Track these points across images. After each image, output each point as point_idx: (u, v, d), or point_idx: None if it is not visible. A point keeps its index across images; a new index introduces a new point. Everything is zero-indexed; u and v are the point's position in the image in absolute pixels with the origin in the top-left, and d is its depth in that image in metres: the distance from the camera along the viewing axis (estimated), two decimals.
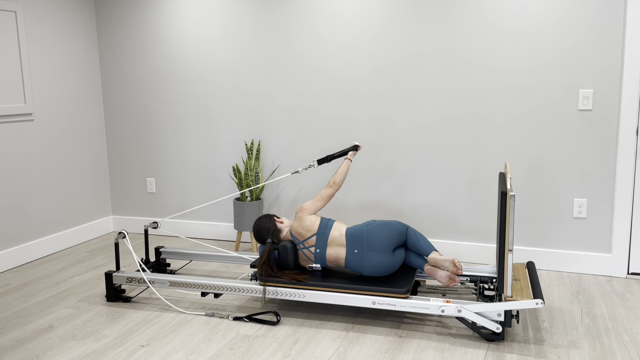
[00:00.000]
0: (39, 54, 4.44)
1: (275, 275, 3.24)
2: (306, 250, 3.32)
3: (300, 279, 3.19)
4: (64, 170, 4.72)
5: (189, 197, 4.96)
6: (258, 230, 3.43)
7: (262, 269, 3.25)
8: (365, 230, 3.22)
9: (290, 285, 3.20)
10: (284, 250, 3.32)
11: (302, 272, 3.30)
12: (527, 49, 3.87)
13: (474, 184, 4.13)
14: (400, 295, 3.02)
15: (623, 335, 3.01)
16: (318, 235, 3.29)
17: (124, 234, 3.53)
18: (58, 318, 3.32)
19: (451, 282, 3.12)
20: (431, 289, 3.39)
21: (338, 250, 3.26)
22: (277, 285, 3.22)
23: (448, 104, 4.10)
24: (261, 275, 3.25)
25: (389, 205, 4.36)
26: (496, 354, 2.82)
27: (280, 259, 3.34)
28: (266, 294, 3.22)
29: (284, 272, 3.28)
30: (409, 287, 3.06)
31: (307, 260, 3.35)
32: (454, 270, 3.12)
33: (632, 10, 3.60)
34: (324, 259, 3.30)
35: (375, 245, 3.17)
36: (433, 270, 3.19)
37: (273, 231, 3.40)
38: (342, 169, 3.46)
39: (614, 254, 3.86)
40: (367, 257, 3.18)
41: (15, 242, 4.30)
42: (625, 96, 3.67)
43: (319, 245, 3.28)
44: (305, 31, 4.38)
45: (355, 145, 3.59)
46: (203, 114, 4.79)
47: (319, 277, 3.25)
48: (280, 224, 3.44)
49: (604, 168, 3.82)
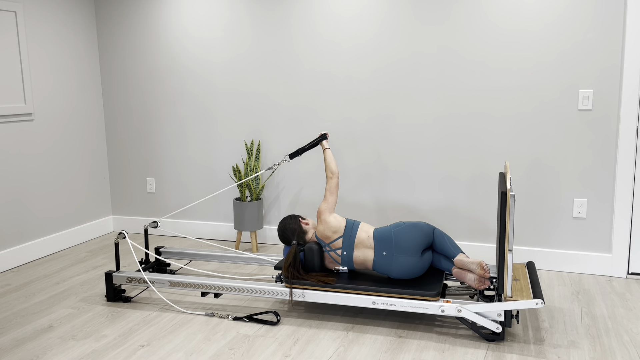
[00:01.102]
0: (39, 54, 4.44)
1: (301, 278, 3.19)
2: (332, 253, 3.27)
3: (328, 282, 3.14)
4: (64, 170, 4.72)
5: (189, 197, 4.96)
6: (283, 231, 3.38)
7: (288, 271, 3.20)
8: (393, 232, 3.17)
9: (317, 288, 3.15)
10: (310, 252, 3.26)
11: (328, 275, 3.26)
12: (527, 49, 3.87)
13: (473, 184, 4.13)
14: (431, 298, 2.98)
15: (623, 335, 3.01)
16: (344, 237, 3.24)
17: (124, 235, 3.53)
18: (58, 318, 3.32)
19: (481, 285, 3.04)
20: (460, 290, 3.33)
21: (366, 252, 3.21)
22: (304, 287, 3.17)
23: (448, 103, 4.10)
24: (287, 278, 3.19)
25: (389, 205, 4.36)
26: (496, 354, 2.82)
27: (306, 261, 3.29)
28: (292, 297, 3.18)
29: (310, 274, 3.24)
30: (439, 289, 3.02)
31: (333, 262, 3.29)
32: (481, 273, 3.04)
33: (632, 10, 3.60)
34: (351, 261, 3.25)
35: (404, 247, 3.13)
36: (462, 273, 3.12)
37: (298, 232, 3.35)
38: (328, 159, 3.42)
39: (614, 254, 3.86)
40: (396, 259, 3.13)
41: (15, 242, 4.30)
42: (625, 96, 3.67)
43: (346, 247, 3.23)
44: (305, 31, 4.38)
45: (323, 134, 3.56)
46: (203, 114, 4.79)
47: (346, 279, 3.19)
48: (306, 225, 3.38)
49: (604, 168, 3.82)
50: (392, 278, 3.20)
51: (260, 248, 4.66)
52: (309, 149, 3.60)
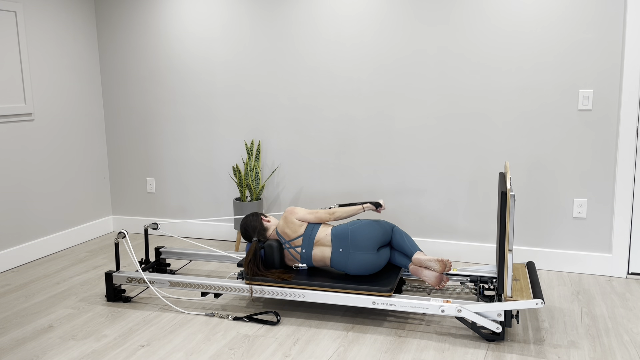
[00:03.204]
0: (39, 54, 4.44)
1: (260, 274, 3.26)
2: (292, 250, 3.34)
3: (286, 278, 3.21)
4: (64, 170, 4.72)
5: (189, 197, 4.96)
6: (245, 229, 3.46)
7: (248, 268, 3.27)
8: (350, 230, 3.23)
9: (276, 284, 3.22)
10: (270, 249, 3.34)
11: (287, 271, 3.32)
12: (527, 49, 3.87)
13: (474, 184, 4.13)
14: (384, 294, 3.03)
15: (623, 335, 3.01)
16: (304, 236, 3.31)
17: (124, 234, 3.53)
18: (58, 318, 3.32)
19: (439, 283, 3.11)
20: (416, 287, 3.40)
21: (324, 250, 3.28)
22: (263, 284, 3.24)
23: (448, 103, 4.10)
24: (247, 274, 3.26)
25: (388, 205, 4.36)
26: (496, 354, 2.82)
27: (266, 258, 3.36)
28: (252, 293, 3.24)
29: (270, 270, 3.30)
30: (393, 285, 3.08)
31: (293, 259, 3.37)
32: (442, 269, 3.10)
33: (632, 10, 3.60)
34: (310, 258, 3.32)
35: (359, 244, 3.19)
36: (418, 270, 3.20)
37: (259, 230, 3.42)
38: (350, 209, 3.32)
39: (614, 254, 3.86)
40: (352, 256, 3.19)
41: (15, 242, 4.30)
42: (625, 96, 3.67)
43: (305, 246, 3.30)
44: (306, 31, 4.38)
45: (378, 202, 3.37)
46: (203, 113, 4.79)
47: (305, 275, 3.27)
48: (267, 222, 3.46)
49: (604, 168, 3.82)
50: (349, 274, 3.26)
51: None
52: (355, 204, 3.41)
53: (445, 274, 3.34)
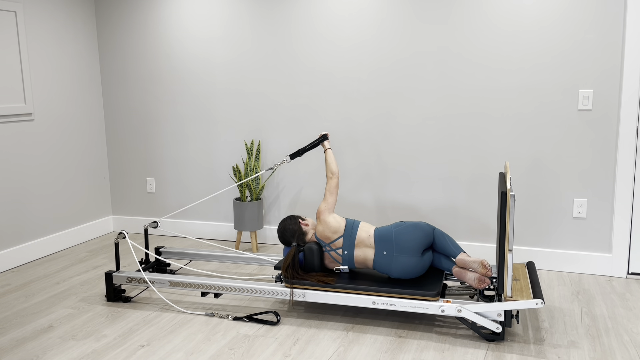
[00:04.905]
0: (39, 54, 4.44)
1: (301, 278, 3.20)
2: (333, 252, 3.27)
3: (328, 282, 3.14)
4: (64, 170, 4.72)
5: (189, 197, 4.96)
6: (283, 233, 3.38)
7: (287, 272, 3.20)
8: (394, 232, 3.17)
9: (317, 288, 3.15)
10: (310, 252, 3.26)
11: (328, 274, 3.26)
12: (527, 49, 3.87)
13: (473, 184, 4.13)
14: (431, 298, 2.98)
15: (623, 335, 3.01)
16: (345, 237, 3.24)
17: (124, 235, 3.53)
18: (58, 318, 3.32)
19: (481, 284, 3.04)
20: (460, 290, 3.34)
21: (366, 251, 3.21)
22: (304, 287, 3.17)
23: (448, 103, 4.10)
24: (286, 278, 3.20)
25: (389, 205, 4.36)
26: (496, 354, 2.82)
27: (306, 261, 3.29)
28: (293, 297, 3.18)
29: (310, 274, 3.24)
30: (439, 289, 3.02)
31: (334, 262, 3.30)
32: (484, 272, 3.04)
33: (632, 10, 3.60)
34: (352, 260, 3.25)
35: (404, 247, 3.13)
36: (462, 272, 3.12)
37: (298, 234, 3.35)
38: (329, 159, 3.42)
39: (614, 254, 3.86)
40: (396, 259, 3.14)
41: (15, 242, 4.30)
42: (625, 96, 3.67)
43: (347, 247, 3.23)
44: (305, 31, 4.38)
45: (324, 134, 3.55)
46: (203, 114, 4.79)
47: (346, 279, 3.19)
48: (306, 226, 3.38)
49: (604, 168, 3.82)
50: (392, 278, 3.20)
51: (260, 248, 4.66)
52: (310, 149, 3.60)
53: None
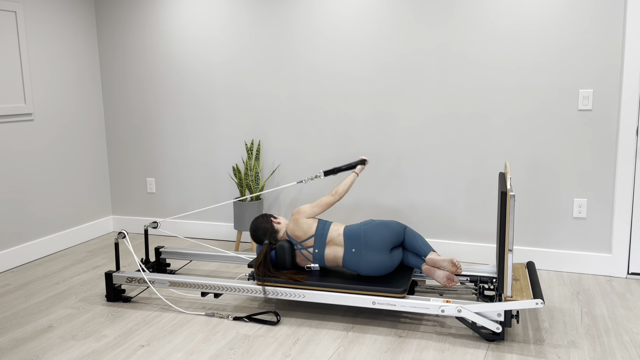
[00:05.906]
0: (39, 54, 4.44)
1: (272, 275, 3.24)
2: (304, 251, 3.32)
3: (298, 279, 3.20)
4: (64, 170, 4.72)
5: (189, 197, 4.96)
6: (255, 231, 3.44)
7: (259, 270, 3.25)
8: (362, 230, 3.22)
9: (288, 285, 3.20)
10: (282, 250, 3.32)
11: (299, 272, 3.30)
12: (527, 48, 3.87)
13: (474, 184, 4.13)
14: (397, 295, 3.02)
15: (623, 335, 3.01)
16: (316, 236, 3.29)
17: (124, 234, 3.53)
18: (58, 318, 3.32)
19: (449, 282, 3.12)
20: (429, 289, 3.39)
21: (336, 249, 3.26)
22: (276, 285, 3.22)
23: (448, 103, 4.10)
24: (258, 276, 3.25)
25: (388, 205, 4.36)
26: (496, 354, 2.82)
27: (278, 259, 3.34)
28: (266, 294, 3.22)
29: (281, 272, 3.28)
30: (406, 286, 3.06)
31: (305, 260, 3.35)
32: (453, 270, 3.12)
33: (632, 10, 3.60)
34: (322, 258, 3.30)
35: (372, 244, 3.18)
36: (431, 270, 3.20)
37: (270, 232, 3.41)
38: (347, 180, 3.48)
39: (614, 254, 3.86)
40: (365, 256, 3.18)
41: (15, 242, 4.30)
42: (625, 96, 3.67)
43: (317, 246, 3.29)
44: (306, 30, 4.38)
45: (362, 159, 3.63)
46: (203, 113, 4.79)
47: (317, 276, 3.26)
48: (277, 224, 3.43)
49: (604, 168, 3.82)
50: (361, 275, 3.25)
51: None
52: (345, 169, 3.64)
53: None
